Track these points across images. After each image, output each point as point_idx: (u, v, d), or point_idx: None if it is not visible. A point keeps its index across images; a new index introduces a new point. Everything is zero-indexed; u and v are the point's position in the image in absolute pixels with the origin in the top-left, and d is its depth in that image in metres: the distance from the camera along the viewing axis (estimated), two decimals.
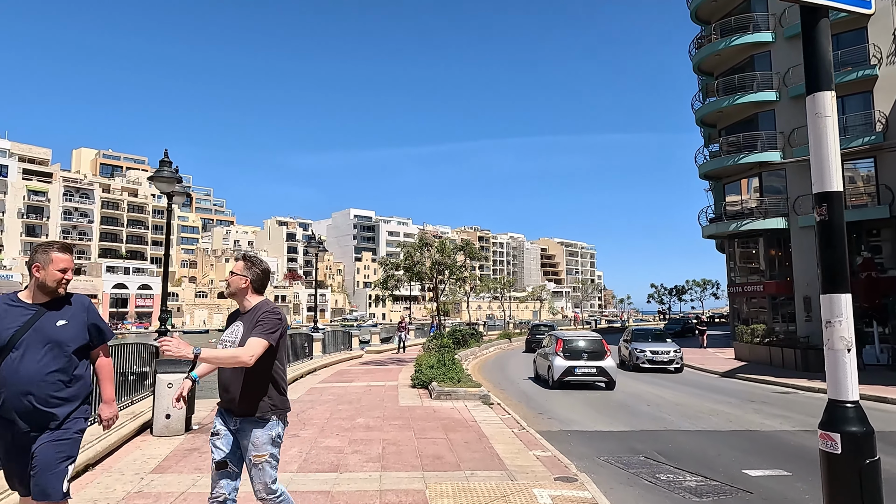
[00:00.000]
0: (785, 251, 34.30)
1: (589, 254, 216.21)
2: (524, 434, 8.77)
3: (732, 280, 38.21)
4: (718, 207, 38.31)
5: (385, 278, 22.08)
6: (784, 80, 33.33)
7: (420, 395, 12.76)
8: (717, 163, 35.53)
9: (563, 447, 8.47)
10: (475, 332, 32.55)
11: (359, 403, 11.65)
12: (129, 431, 7.94)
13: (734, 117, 36.01)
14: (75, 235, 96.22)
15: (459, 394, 12.11)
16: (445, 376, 13.35)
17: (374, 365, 21.22)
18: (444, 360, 14.98)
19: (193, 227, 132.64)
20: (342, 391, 13.73)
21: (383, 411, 10.68)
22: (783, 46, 33.81)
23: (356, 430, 8.92)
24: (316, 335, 20.63)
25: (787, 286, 33.45)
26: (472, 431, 8.84)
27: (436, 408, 11.04)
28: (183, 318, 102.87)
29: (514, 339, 40.98)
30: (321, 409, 10.89)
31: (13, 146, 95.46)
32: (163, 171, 10.85)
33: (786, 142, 32.98)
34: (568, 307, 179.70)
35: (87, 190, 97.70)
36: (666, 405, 13.31)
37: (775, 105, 33.72)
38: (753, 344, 25.32)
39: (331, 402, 11.94)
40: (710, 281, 78.97)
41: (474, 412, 10.58)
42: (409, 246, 21.75)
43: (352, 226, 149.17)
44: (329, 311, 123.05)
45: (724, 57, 36.30)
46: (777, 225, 32.87)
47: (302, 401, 12.12)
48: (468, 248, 22.12)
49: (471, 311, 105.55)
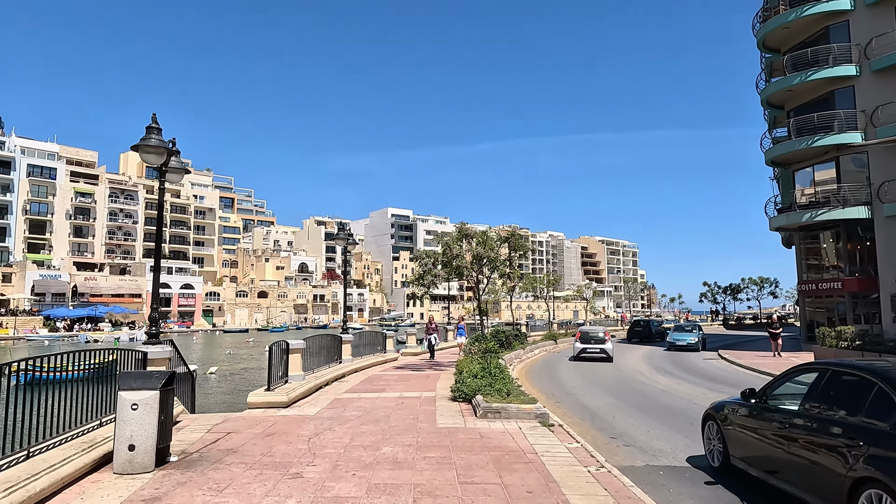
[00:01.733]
0: (867, 243, 30.66)
1: (631, 252, 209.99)
2: (605, 476, 6.44)
3: (803, 277, 34.65)
4: (787, 196, 34.76)
5: (421, 274, 19.91)
6: (865, 52, 29.68)
7: (462, 412, 10.53)
8: (787, 146, 32.06)
9: (663, 497, 6.12)
10: (519, 334, 30.09)
11: (387, 423, 9.51)
12: (80, 467, 5.99)
13: (806, 96, 32.45)
14: (120, 236, 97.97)
15: (511, 411, 9.83)
16: (492, 388, 11.10)
17: (410, 370, 19.12)
18: (489, 367, 12.72)
19: (235, 227, 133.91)
20: (370, 404, 11.64)
21: (417, 435, 8.50)
22: (864, 14, 30.16)
23: (380, 466, 6.77)
24: (345, 337, 18.66)
25: (870, 283, 29.80)
26: (535, 471, 6.57)
27: (482, 431, 8.80)
28: (224, 317, 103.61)
29: (559, 340, 38.30)
30: (340, 432, 8.79)
31: (61, 149, 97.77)
32: (149, 138, 8.94)
33: (868, 121, 29.36)
34: (610, 307, 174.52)
35: (131, 191, 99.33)
36: None
37: (855, 80, 30.09)
38: (841, 349, 22.06)
39: (354, 420, 9.84)
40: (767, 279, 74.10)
41: (532, 438, 8.29)
42: (448, 238, 19.54)
43: (389, 225, 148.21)
44: (367, 310, 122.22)
45: (793, 29, 32.76)
46: (858, 214, 29.28)
47: (320, 417, 10.06)
48: (513, 240, 19.74)
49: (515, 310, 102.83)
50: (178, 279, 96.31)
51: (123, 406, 6.27)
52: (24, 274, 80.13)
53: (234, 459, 7.05)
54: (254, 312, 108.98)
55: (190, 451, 7.40)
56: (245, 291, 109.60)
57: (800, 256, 35.04)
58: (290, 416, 10.16)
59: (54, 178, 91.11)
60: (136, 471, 6.24)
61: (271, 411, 10.66)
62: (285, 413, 10.50)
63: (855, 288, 30.02)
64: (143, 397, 6.31)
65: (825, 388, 5.85)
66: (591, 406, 13.17)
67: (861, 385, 5.38)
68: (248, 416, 10.27)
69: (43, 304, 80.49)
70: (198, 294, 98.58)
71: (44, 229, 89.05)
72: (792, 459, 5.74)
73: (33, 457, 5.91)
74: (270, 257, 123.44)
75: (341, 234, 18.34)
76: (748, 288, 75.77)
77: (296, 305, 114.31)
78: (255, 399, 11.20)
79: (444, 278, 19.75)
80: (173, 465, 6.71)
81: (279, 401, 11.11)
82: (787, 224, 33.21)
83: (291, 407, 11.16)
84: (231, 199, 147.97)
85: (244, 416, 10.19)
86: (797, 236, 35.34)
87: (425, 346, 24.80)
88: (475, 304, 21.98)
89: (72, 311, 79.51)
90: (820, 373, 6.07)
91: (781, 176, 37.12)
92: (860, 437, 4.95)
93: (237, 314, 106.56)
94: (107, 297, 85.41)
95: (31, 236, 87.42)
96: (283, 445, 7.83)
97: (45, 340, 65.85)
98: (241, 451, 7.53)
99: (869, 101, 29.41)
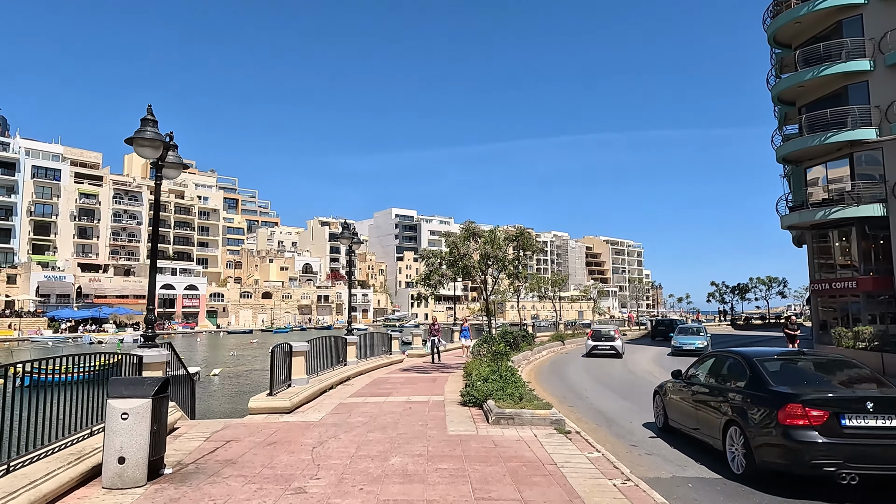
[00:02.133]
0: (882, 242, 30.00)
1: (636, 252, 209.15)
2: (633, 491, 5.95)
3: (816, 276, 33.98)
4: (799, 194, 34.11)
5: (427, 274, 19.42)
6: (879, 47, 29.05)
7: (473, 418, 10.05)
8: (799, 143, 31.42)
9: None
10: (526, 335, 29.57)
11: (395, 430, 9.03)
12: (64, 483, 5.53)
13: (818, 92, 31.81)
14: (125, 237, 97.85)
15: (525, 417, 9.35)
16: (504, 392, 10.61)
17: (416, 372, 18.65)
18: (500, 370, 12.22)
19: (239, 228, 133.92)
20: (376, 409, 11.17)
21: (427, 444, 8.02)
22: (878, 7, 29.51)
23: (389, 479, 6.29)
24: (350, 338, 18.19)
25: (885, 282, 29.14)
26: (556, 485, 6.08)
27: (496, 439, 8.31)
28: (228, 317, 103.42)
29: (567, 341, 37.75)
30: (346, 440, 8.32)
31: (66, 150, 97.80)
32: (144, 130, 8.48)
33: (882, 117, 28.73)
34: (615, 307, 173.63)
35: (135, 192, 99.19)
36: None
37: (869, 75, 29.45)
38: (858, 349, 21.46)
39: (360, 426, 9.37)
40: (775, 278, 73.27)
41: (549, 447, 7.80)
42: (455, 237, 19.04)
43: (393, 225, 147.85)
44: (371, 311, 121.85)
45: (805, 24, 32.14)
46: (873, 212, 28.63)
47: (324, 424, 9.60)
48: (522, 238, 19.23)
49: (517, 311, 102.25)
50: (182, 280, 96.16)
51: (112, 415, 5.82)
52: (28, 275, 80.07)
53: (233, 472, 6.59)
54: (258, 313, 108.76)
55: (186, 463, 6.94)
56: (249, 292, 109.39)
57: (812, 255, 34.37)
58: (293, 423, 9.70)
59: (59, 179, 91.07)
60: (127, 485, 5.78)
61: (273, 417, 10.20)
62: (288, 419, 10.04)
63: (870, 287, 29.37)
64: (134, 406, 5.86)
65: (717, 367, 8.80)
66: (606, 410, 12.67)
67: (735, 363, 8.34)
68: (249, 422, 9.82)
69: (47, 306, 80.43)
70: (202, 295, 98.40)
71: (48, 230, 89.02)
72: (699, 415, 8.57)
73: (13, 471, 5.46)
74: (274, 258, 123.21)
75: (346, 233, 17.87)
76: (756, 287, 75.04)
77: (300, 306, 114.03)
78: (256, 404, 10.75)
79: (450, 278, 19.25)
80: (167, 478, 6.25)
81: (282, 406, 10.66)
82: (800, 222, 32.57)
83: (295, 412, 10.71)
84: (235, 200, 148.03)
85: (245, 423, 9.74)
86: (809, 235, 34.68)
87: (429, 348, 23.83)
88: (480, 305, 21.40)
89: (76, 313, 79.42)
90: (716, 357, 9.15)
91: (793, 173, 36.48)
92: (729, 395, 7.81)
93: (241, 315, 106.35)
94: (111, 299, 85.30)
95: (35, 238, 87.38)
96: (286, 455, 7.36)
97: (49, 342, 65.69)
98: (241, 462, 7.07)
99: (883, 96, 28.78)
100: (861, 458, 6.27)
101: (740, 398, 7.52)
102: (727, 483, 7.06)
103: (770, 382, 7.34)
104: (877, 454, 6.31)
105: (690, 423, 8.82)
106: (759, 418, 6.98)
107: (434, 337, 23.05)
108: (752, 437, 6.99)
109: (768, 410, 6.88)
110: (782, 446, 6.58)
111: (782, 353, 8.84)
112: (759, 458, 6.84)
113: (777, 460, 6.67)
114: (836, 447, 6.32)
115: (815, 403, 6.58)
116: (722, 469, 7.54)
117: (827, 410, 6.51)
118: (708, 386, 8.56)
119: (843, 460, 6.24)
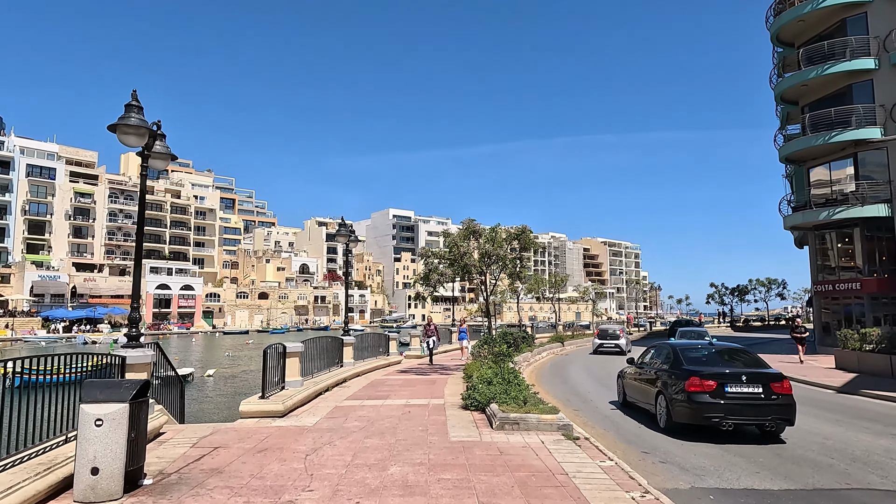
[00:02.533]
0: (885, 243, 29.63)
1: (633, 253, 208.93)
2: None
3: (819, 277, 33.57)
4: (801, 195, 33.73)
5: (426, 273, 18.91)
6: (884, 45, 28.70)
7: (476, 423, 9.56)
8: (802, 143, 31.03)
9: None
10: (526, 336, 29.09)
11: (394, 436, 8.54)
12: (30, 496, 5.03)
13: (822, 91, 31.44)
14: (120, 237, 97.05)
15: (530, 423, 8.86)
16: (507, 395, 10.13)
17: (414, 373, 18.16)
18: (503, 373, 11.73)
19: (235, 227, 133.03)
20: (374, 413, 10.67)
21: (428, 451, 7.52)
22: (883, 6, 29.13)
23: (388, 492, 5.80)
24: (347, 339, 17.68)
25: (890, 284, 28.78)
26: (570, 497, 5.60)
27: (501, 446, 7.82)
28: (224, 318, 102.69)
29: (566, 342, 37.29)
30: (342, 447, 7.82)
31: (61, 149, 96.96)
32: (129, 117, 7.98)
33: (887, 116, 28.36)
34: (612, 308, 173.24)
35: (131, 192, 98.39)
36: (812, 439, 9.73)
37: (874, 74, 29.09)
38: (864, 352, 21.02)
39: (357, 432, 8.87)
40: (774, 280, 72.91)
41: (558, 454, 7.32)
42: (455, 235, 18.54)
43: (391, 226, 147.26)
44: (368, 311, 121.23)
45: (809, 22, 31.77)
46: (878, 213, 28.25)
47: (319, 429, 9.09)
48: (524, 237, 18.74)
49: (514, 312, 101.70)
50: (179, 280, 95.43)
51: (86, 422, 5.31)
52: (22, 275, 79.30)
53: (219, 482, 6.09)
54: (254, 314, 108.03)
55: (168, 472, 6.44)
56: (245, 293, 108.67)
57: (814, 256, 33.99)
58: (285, 428, 9.20)
59: (53, 178, 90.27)
60: (101, 498, 5.28)
61: (266, 421, 9.70)
62: (281, 424, 9.54)
63: (875, 289, 28.99)
64: (110, 411, 5.35)
65: (655, 354, 11.67)
66: (612, 414, 12.19)
67: (666, 351, 11.20)
68: (239, 427, 9.32)
69: (42, 305, 79.65)
70: (198, 295, 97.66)
71: (43, 230, 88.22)
72: (643, 388, 11.42)
73: None
74: (271, 258, 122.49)
75: (342, 231, 17.36)
76: (755, 289, 74.69)
77: (297, 307, 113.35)
78: (248, 408, 10.25)
79: (450, 277, 18.74)
80: (146, 489, 5.75)
81: (274, 410, 10.16)
82: (803, 223, 32.20)
83: (288, 416, 10.21)
84: (232, 200, 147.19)
85: (235, 428, 9.24)
86: (812, 236, 34.30)
87: (424, 349, 22.79)
88: (478, 306, 20.90)
89: (71, 313, 78.66)
90: (655, 347, 12.08)
91: (795, 173, 36.13)
92: (660, 374, 10.56)
93: (238, 315, 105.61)
94: (106, 299, 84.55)
95: (30, 237, 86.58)
96: (277, 464, 6.86)
97: (43, 342, 64.96)
98: (228, 471, 6.57)
99: (888, 95, 28.43)
100: (735, 413, 9.24)
101: (665, 375, 10.38)
102: (750, 493, 6.60)
103: (684, 363, 10.27)
104: (746, 411, 9.29)
105: (639, 397, 11.74)
106: (675, 387, 9.87)
107: (430, 338, 22.10)
108: (670, 400, 9.88)
109: (680, 382, 9.76)
110: (687, 406, 9.50)
111: (696, 345, 12.16)
112: (674, 415, 9.80)
113: (684, 416, 9.61)
114: (720, 406, 9.25)
115: (708, 376, 9.51)
116: (682, 441, 9.43)
117: (716, 381, 9.42)
118: (649, 367, 11.42)
119: (724, 415, 9.21)
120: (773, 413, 9.23)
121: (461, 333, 25.01)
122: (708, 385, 9.30)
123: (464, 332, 24.93)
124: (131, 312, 8.53)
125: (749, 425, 9.59)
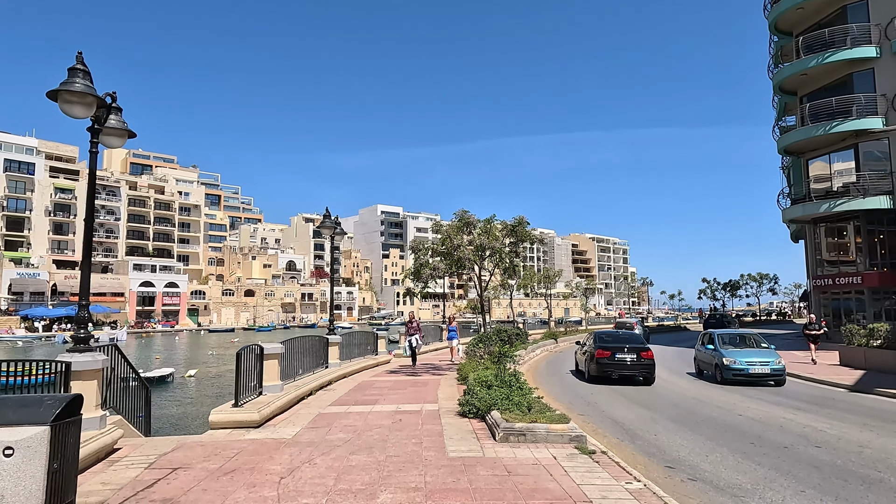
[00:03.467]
0: (889, 235, 29.01)
1: (622, 249, 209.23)
2: None
3: (817, 271, 32.93)
4: (799, 187, 33.02)
5: (418, 267, 17.81)
6: (886, 33, 27.96)
7: (476, 433, 8.50)
8: (802, 133, 30.27)
9: None
10: (520, 332, 28.09)
11: (384, 451, 7.45)
12: None
13: (821, 80, 30.68)
14: (102, 234, 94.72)
15: (538, 433, 7.82)
16: (510, 402, 9.09)
17: (405, 374, 17.09)
18: (503, 375, 10.68)
19: (221, 224, 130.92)
20: (361, 422, 9.58)
21: (424, 472, 6.45)
22: None
23: None
24: (332, 338, 16.56)
25: (892, 278, 28.17)
26: None
27: (508, 463, 6.77)
28: (210, 316, 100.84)
29: (560, 339, 36.38)
30: (323, 466, 6.73)
31: (40, 143, 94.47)
32: (73, 82, 6.81)
33: (889, 106, 27.65)
34: (601, 304, 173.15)
35: (113, 187, 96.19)
36: (847, 447, 8.79)
37: (875, 63, 28.37)
38: (872, 347, 20.24)
39: (342, 445, 7.78)
40: (766, 275, 72.64)
41: (576, 474, 6.29)
42: (448, 227, 17.46)
43: (379, 222, 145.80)
44: (356, 309, 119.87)
45: (808, 10, 30.98)
46: (879, 205, 27.55)
47: (298, 443, 7.99)
48: (520, 229, 17.70)
49: (504, 308, 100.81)
50: (163, 277, 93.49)
51: None
52: (0, 272, 77.00)
53: None
54: (240, 311, 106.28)
55: (108, 502, 5.31)
56: (231, 290, 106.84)
57: (812, 250, 33.34)
58: (260, 441, 8.09)
59: (32, 173, 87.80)
60: None
61: (238, 433, 8.58)
62: (255, 436, 8.43)
63: (876, 283, 28.36)
64: (23, 437, 4.23)
65: (593, 340, 18.35)
66: (623, 420, 11.20)
67: (594, 336, 18.69)
68: (208, 440, 8.19)
69: (20, 304, 77.47)
70: (183, 293, 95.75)
71: (22, 226, 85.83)
72: (581, 359, 19.13)
73: None
74: (257, 255, 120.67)
75: (327, 222, 16.19)
76: (747, 284, 74.42)
77: (283, 304, 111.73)
78: (219, 417, 9.11)
79: (443, 272, 17.65)
80: None
81: (249, 419, 9.04)
82: (803, 215, 31.46)
83: (264, 427, 9.10)
84: (217, 197, 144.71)
85: (203, 442, 8.11)
86: (809, 229, 33.65)
87: (406, 349, 19.78)
88: (467, 303, 19.79)
89: (51, 311, 76.60)
90: (594, 335, 18.77)
91: (792, 165, 35.41)
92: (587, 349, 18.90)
93: (223, 313, 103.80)
94: None
95: (8, 233, 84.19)
96: (244, 492, 5.76)
97: (20, 342, 63.03)
98: (183, 502, 5.45)
99: (890, 84, 27.74)
100: (620, 369, 16.62)
101: (590, 349, 17.72)
102: None
103: (600, 341, 17.55)
104: (625, 368, 16.65)
105: (581, 365, 18.78)
106: (592, 355, 17.22)
107: (412, 336, 19.66)
108: (590, 363, 17.44)
109: (594, 352, 17.09)
110: (596, 365, 16.88)
111: (608, 332, 20.05)
112: (590, 371, 17.41)
113: (594, 371, 16.96)
114: (612, 364, 16.65)
115: (607, 348, 17.00)
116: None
117: (610, 351, 16.88)
118: (587, 347, 18.43)
119: (613, 370, 16.63)
120: (643, 370, 16.57)
121: (451, 332, 23.47)
122: (607, 353, 16.81)
123: (453, 331, 23.52)
124: (79, 311, 7.36)
125: (626, 375, 16.53)
